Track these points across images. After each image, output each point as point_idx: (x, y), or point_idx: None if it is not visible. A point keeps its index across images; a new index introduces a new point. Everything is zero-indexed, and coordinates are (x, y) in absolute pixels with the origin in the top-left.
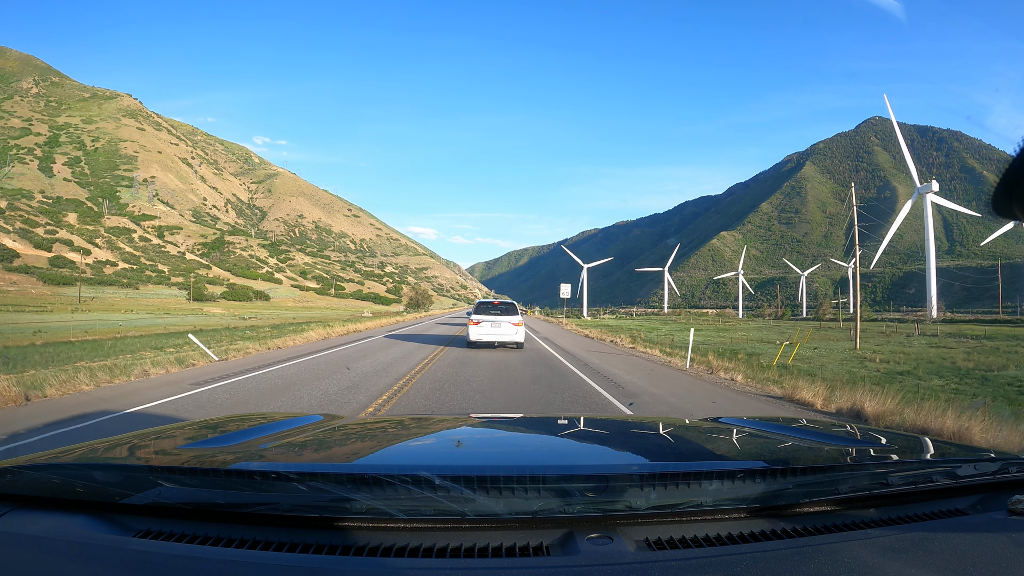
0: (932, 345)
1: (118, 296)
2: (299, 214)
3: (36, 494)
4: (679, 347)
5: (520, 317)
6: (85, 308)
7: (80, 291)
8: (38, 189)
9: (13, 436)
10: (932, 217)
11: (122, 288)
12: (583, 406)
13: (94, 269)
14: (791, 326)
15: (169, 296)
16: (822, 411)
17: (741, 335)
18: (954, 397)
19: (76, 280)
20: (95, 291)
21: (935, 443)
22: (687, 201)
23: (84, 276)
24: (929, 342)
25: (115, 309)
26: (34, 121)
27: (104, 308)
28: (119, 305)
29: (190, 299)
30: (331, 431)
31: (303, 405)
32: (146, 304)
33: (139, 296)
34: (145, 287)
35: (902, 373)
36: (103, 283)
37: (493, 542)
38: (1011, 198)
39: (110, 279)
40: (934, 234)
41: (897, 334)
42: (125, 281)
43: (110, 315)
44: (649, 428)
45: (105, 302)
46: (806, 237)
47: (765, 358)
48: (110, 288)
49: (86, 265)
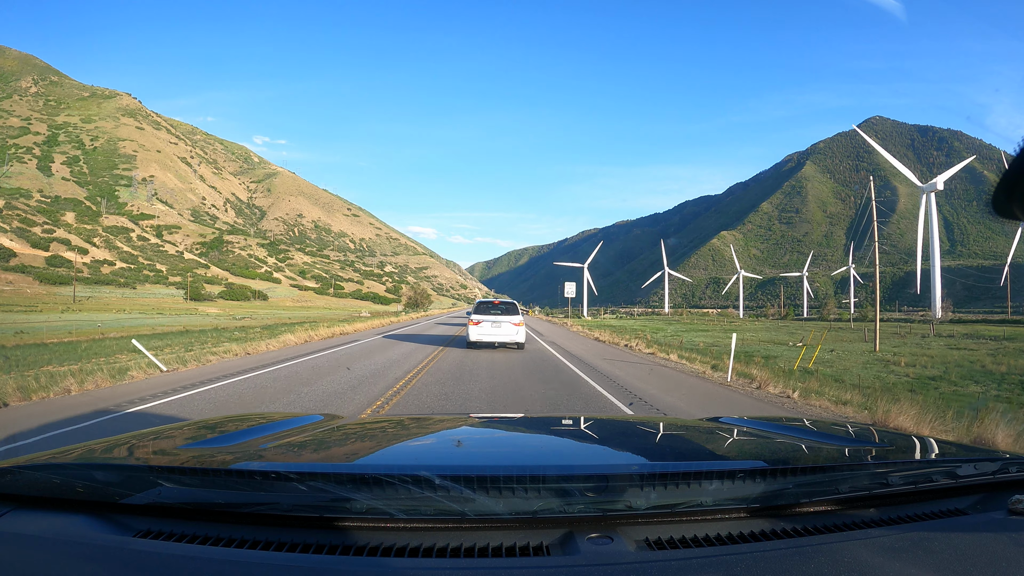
0: (951, 347)
1: (114, 296)
2: (298, 213)
3: (36, 494)
4: (695, 351)
5: (521, 317)
6: (78, 308)
7: (75, 291)
8: (36, 188)
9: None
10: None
11: (119, 287)
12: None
13: (91, 269)
14: (798, 326)
15: (166, 296)
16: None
17: (750, 336)
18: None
19: (72, 279)
20: (92, 290)
21: (935, 443)
22: (687, 201)
23: (81, 275)
24: (947, 343)
25: (108, 309)
26: (33, 120)
27: (98, 308)
28: (114, 305)
29: (187, 299)
30: (331, 431)
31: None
32: (142, 304)
33: (136, 296)
34: (143, 287)
35: (934, 378)
36: (100, 282)
37: (493, 542)
38: (1011, 198)
39: (107, 278)
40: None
41: (911, 335)
42: (122, 280)
43: (100, 315)
44: (649, 428)
45: (100, 302)
46: (807, 237)
47: (782, 361)
48: (107, 288)
49: (83, 264)
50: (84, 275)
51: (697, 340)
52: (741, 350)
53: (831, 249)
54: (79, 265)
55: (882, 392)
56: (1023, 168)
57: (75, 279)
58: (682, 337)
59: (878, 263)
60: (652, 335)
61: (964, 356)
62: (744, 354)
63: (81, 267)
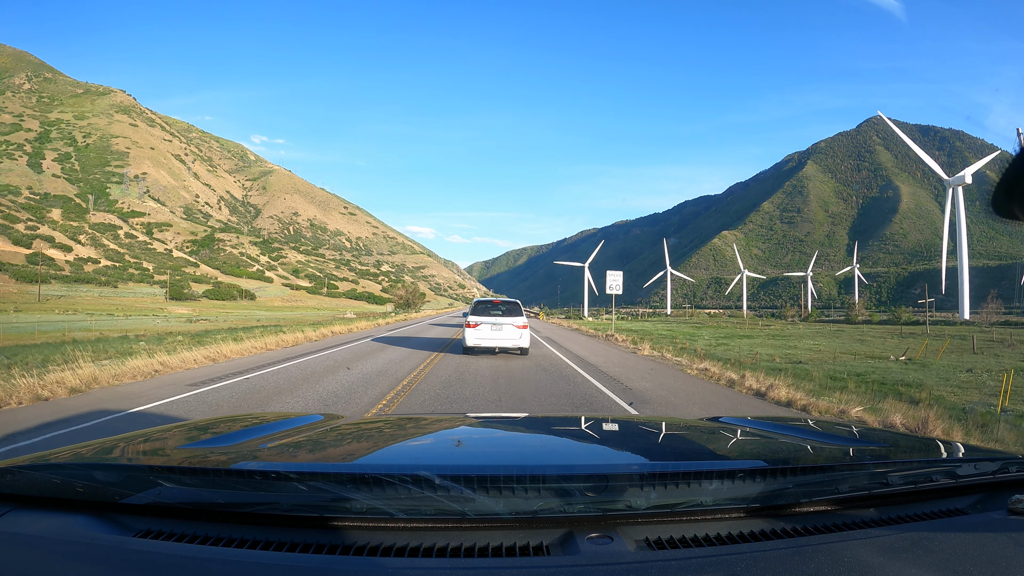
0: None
1: (90, 295)
2: (294, 212)
3: (36, 494)
4: (769, 368)
5: (524, 319)
6: (40, 308)
7: (40, 289)
8: (26, 185)
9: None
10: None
11: (99, 286)
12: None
13: (74, 267)
14: (838, 330)
15: (147, 295)
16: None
17: (808, 344)
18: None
19: (50, 278)
20: (69, 289)
21: (935, 443)
22: (687, 201)
23: (61, 274)
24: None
25: (72, 309)
26: (25, 117)
27: (64, 307)
28: (85, 305)
29: (167, 298)
30: (331, 431)
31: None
32: (116, 304)
33: (114, 295)
34: (125, 285)
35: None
36: (80, 281)
37: (493, 542)
38: (1011, 198)
39: (88, 277)
40: (936, 235)
41: (993, 343)
42: (104, 279)
43: (52, 316)
44: (649, 428)
45: (70, 301)
46: (808, 236)
47: (950, 392)
48: (86, 286)
49: (65, 262)
50: (64, 273)
51: (755, 350)
52: (841, 369)
53: (833, 249)
54: (61, 263)
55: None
56: (1023, 168)
57: (42, 278)
58: (731, 345)
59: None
60: (688, 342)
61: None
62: (856, 376)
63: (63, 265)
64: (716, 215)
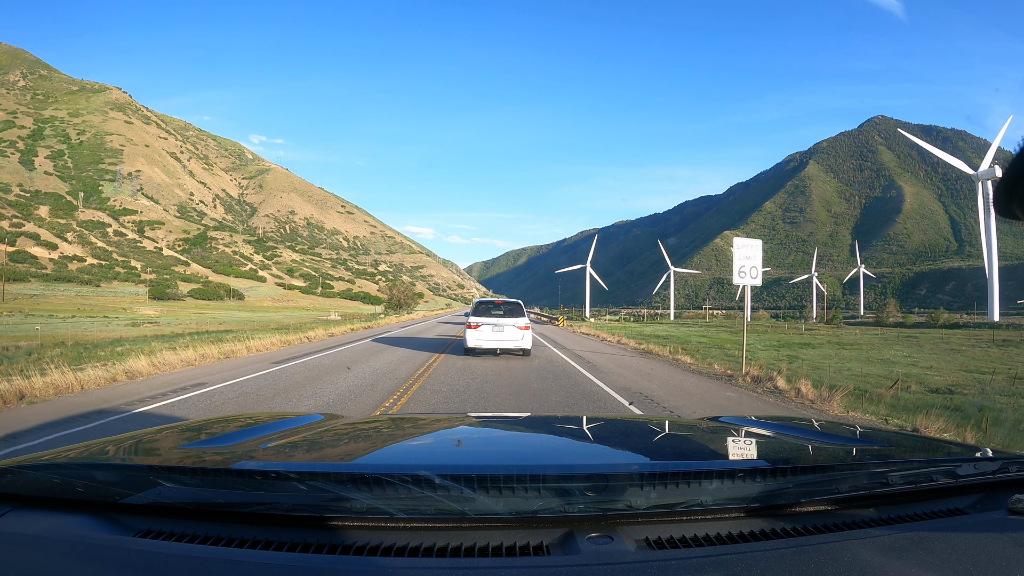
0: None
1: (67, 295)
2: (290, 210)
3: (36, 494)
4: (915, 404)
5: (527, 319)
6: (5, 309)
7: (3, 288)
8: (16, 183)
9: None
10: (982, 207)
11: (81, 285)
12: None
13: (57, 265)
14: (906, 336)
15: (129, 294)
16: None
17: (900, 357)
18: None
19: (29, 276)
20: (47, 288)
21: (935, 442)
22: (687, 201)
23: (43, 272)
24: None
25: (40, 309)
26: (19, 114)
27: (34, 307)
28: (60, 305)
29: (149, 297)
30: (331, 431)
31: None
32: (92, 304)
33: (94, 294)
34: (109, 284)
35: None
36: (61, 279)
37: (493, 541)
38: (1011, 198)
39: (71, 275)
40: (939, 235)
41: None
42: (87, 278)
43: (7, 319)
44: (649, 427)
45: (42, 301)
46: (811, 237)
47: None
48: (67, 285)
49: (49, 260)
50: (46, 271)
51: (846, 366)
52: (922, 393)
53: (836, 249)
54: (44, 261)
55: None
56: (1023, 168)
57: (21, 276)
58: (802, 359)
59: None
60: (746, 353)
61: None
62: (934, 404)
63: (46, 263)
64: (717, 215)
